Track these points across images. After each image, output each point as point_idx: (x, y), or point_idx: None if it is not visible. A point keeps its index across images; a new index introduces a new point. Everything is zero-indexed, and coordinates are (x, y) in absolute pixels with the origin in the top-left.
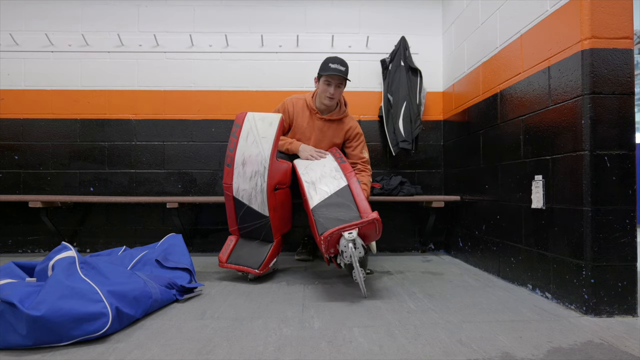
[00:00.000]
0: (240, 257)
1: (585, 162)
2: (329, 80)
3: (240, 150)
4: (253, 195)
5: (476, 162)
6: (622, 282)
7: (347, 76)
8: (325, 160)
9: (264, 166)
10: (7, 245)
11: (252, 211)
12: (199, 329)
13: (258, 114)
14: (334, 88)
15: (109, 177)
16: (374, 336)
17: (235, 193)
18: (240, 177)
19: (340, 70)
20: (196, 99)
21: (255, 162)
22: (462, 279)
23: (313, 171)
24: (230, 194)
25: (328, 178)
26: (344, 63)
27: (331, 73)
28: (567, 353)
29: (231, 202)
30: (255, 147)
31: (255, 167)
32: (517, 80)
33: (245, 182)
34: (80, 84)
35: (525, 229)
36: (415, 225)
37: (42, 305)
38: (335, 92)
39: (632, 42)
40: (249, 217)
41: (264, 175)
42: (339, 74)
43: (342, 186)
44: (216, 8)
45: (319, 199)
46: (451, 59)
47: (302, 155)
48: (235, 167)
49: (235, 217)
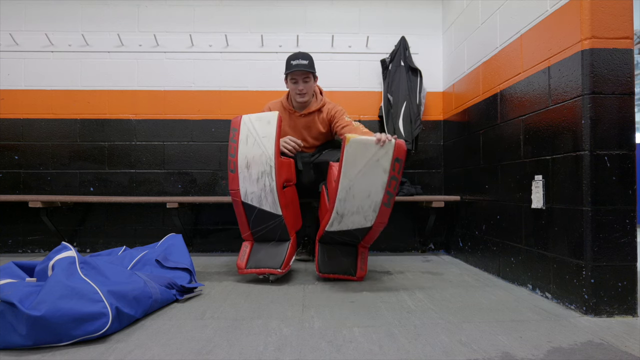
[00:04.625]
0: (260, 260)
1: (585, 162)
2: (295, 77)
3: (242, 154)
4: (263, 196)
5: (476, 162)
6: (622, 282)
7: (311, 69)
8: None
9: (270, 165)
10: (7, 245)
11: (264, 213)
12: (199, 329)
13: (254, 115)
14: (302, 84)
15: (109, 177)
16: (374, 336)
17: (244, 198)
18: (247, 180)
19: (302, 64)
20: (196, 99)
21: (260, 162)
22: (462, 279)
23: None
24: (239, 199)
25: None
26: (305, 56)
27: (293, 70)
28: (567, 353)
29: (240, 208)
30: (258, 148)
31: (260, 167)
32: (517, 80)
33: (253, 184)
34: (80, 84)
35: (525, 229)
36: (415, 225)
37: (42, 305)
38: (304, 87)
39: (632, 42)
40: (261, 219)
41: (271, 175)
42: (302, 69)
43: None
44: (216, 8)
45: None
46: (451, 58)
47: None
48: (239, 172)
49: (246, 221)
